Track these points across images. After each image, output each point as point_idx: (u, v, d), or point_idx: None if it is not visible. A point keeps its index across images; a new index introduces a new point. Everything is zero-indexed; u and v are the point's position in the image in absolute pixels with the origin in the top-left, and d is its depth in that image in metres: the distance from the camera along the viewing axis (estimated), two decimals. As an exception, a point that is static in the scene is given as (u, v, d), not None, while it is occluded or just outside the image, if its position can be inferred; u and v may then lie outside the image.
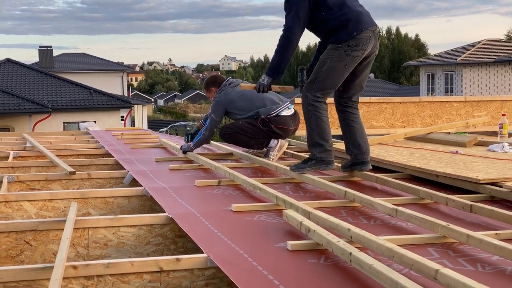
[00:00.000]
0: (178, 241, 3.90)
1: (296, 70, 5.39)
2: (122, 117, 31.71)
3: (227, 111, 6.27)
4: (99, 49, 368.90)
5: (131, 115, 36.84)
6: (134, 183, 5.42)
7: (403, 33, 67.73)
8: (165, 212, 4.01)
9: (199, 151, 6.67)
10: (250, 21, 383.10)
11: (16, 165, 6.39)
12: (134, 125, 38.38)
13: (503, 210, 3.64)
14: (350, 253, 2.73)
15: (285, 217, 3.62)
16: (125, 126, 29.29)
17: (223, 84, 6.36)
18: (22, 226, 3.82)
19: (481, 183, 4.38)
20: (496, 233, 3.28)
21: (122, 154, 6.98)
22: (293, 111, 6.21)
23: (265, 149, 6.22)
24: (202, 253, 3.12)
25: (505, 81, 34.62)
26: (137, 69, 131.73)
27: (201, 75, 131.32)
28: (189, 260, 3.05)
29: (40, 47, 43.15)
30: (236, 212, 4.02)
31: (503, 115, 7.19)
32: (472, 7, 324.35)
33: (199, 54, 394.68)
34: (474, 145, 6.41)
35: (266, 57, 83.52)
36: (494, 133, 7.50)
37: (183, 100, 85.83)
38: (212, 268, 3.05)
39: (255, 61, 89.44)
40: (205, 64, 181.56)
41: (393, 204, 3.80)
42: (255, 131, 6.08)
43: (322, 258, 2.99)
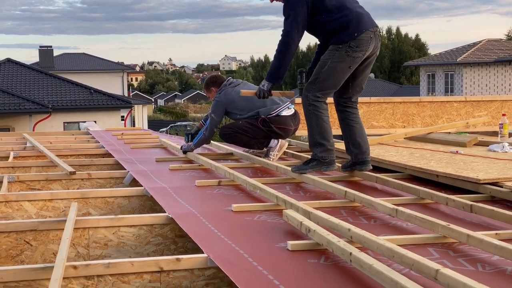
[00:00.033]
0: (178, 241, 3.90)
1: (296, 71, 5.34)
2: (122, 117, 31.72)
3: (227, 111, 6.27)
4: (99, 49, 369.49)
5: (131, 115, 36.85)
6: (134, 183, 5.42)
7: (403, 33, 67.77)
8: (165, 212, 4.01)
9: (199, 151, 6.67)
10: (250, 21, 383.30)
11: (16, 165, 6.39)
12: (134, 125, 38.38)
13: (503, 210, 3.64)
14: (350, 253, 2.73)
15: (285, 217, 3.62)
16: (125, 126, 29.30)
17: (223, 84, 6.36)
18: (22, 226, 3.83)
19: (482, 183, 4.38)
20: (496, 233, 3.28)
21: (122, 154, 6.98)
22: (293, 111, 6.21)
23: (265, 149, 6.21)
24: (202, 253, 3.11)
25: (505, 81, 34.63)
26: (137, 69, 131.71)
27: (201, 75, 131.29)
28: (189, 260, 3.05)
29: (40, 47, 43.16)
30: (236, 212, 4.02)
31: (503, 115, 7.19)
32: (472, 7, 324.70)
33: (199, 54, 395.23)
34: (474, 145, 6.41)
35: (266, 57, 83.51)
36: (495, 133, 7.50)
37: (183, 100, 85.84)
38: (212, 268, 3.05)
39: (255, 61, 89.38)
40: (205, 64, 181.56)
41: (393, 204, 3.80)
42: (255, 131, 6.08)
43: (322, 258, 2.99)
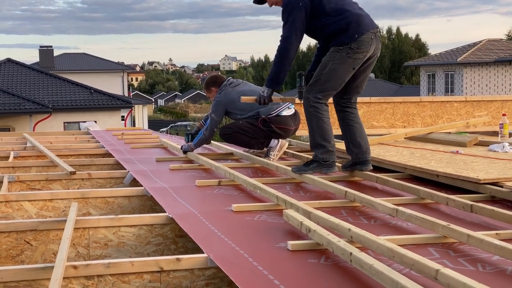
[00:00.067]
0: (179, 241, 3.90)
1: (296, 72, 5.30)
2: (123, 117, 31.72)
3: (227, 111, 6.27)
4: (99, 49, 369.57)
5: (131, 115, 36.85)
6: (134, 183, 5.42)
7: (403, 33, 67.74)
8: (165, 212, 4.01)
9: (200, 151, 6.67)
10: (250, 21, 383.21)
11: (16, 165, 6.39)
12: (134, 125, 38.37)
13: (504, 210, 3.63)
14: (351, 253, 2.73)
15: (285, 217, 3.62)
16: (125, 126, 29.29)
17: (223, 84, 6.36)
18: (23, 226, 3.83)
19: (482, 183, 4.38)
20: (497, 233, 3.28)
21: (123, 154, 6.98)
22: (293, 111, 6.20)
23: (265, 149, 6.21)
24: (203, 253, 3.11)
25: (505, 81, 34.62)
26: (138, 69, 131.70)
27: (201, 75, 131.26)
28: (189, 260, 3.05)
29: (40, 47, 43.16)
30: (236, 212, 4.02)
31: (503, 115, 7.19)
32: (472, 7, 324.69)
33: (199, 54, 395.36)
34: (475, 145, 6.41)
35: (266, 57, 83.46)
36: (495, 133, 7.50)
37: (184, 100, 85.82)
38: (212, 268, 3.05)
39: (256, 61, 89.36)
40: (206, 64, 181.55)
41: (394, 204, 3.80)
42: (256, 131, 6.08)
43: (322, 258, 2.99)
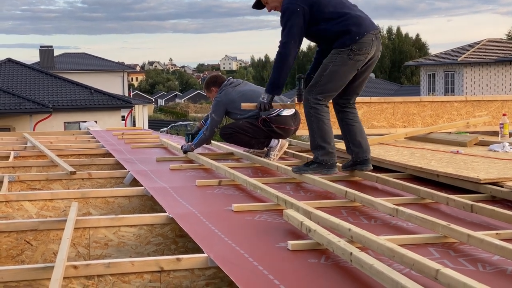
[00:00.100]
0: (179, 241, 3.90)
1: (297, 72, 5.32)
2: (123, 117, 31.72)
3: (227, 111, 6.27)
4: (99, 49, 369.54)
5: (131, 115, 36.85)
6: (134, 183, 5.42)
7: (403, 33, 67.76)
8: (165, 212, 4.01)
9: (200, 151, 6.67)
10: (251, 21, 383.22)
11: (16, 165, 6.39)
12: (134, 125, 38.37)
13: (504, 210, 3.63)
14: (351, 253, 2.73)
15: (285, 217, 3.62)
16: (125, 126, 29.31)
17: (223, 84, 6.36)
18: (23, 226, 3.83)
19: (482, 183, 4.38)
20: (497, 233, 3.27)
21: (123, 154, 6.98)
22: (293, 111, 6.20)
23: (265, 149, 6.21)
24: (203, 253, 3.11)
25: (506, 80, 34.61)
26: (138, 69, 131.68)
27: (201, 75, 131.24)
28: (189, 260, 3.05)
29: (41, 47, 43.15)
30: (236, 212, 4.02)
31: (503, 114, 7.18)
32: (472, 6, 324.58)
33: (199, 54, 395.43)
34: (475, 145, 6.41)
35: (266, 57, 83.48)
36: (495, 133, 7.50)
37: (184, 100, 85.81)
38: (212, 268, 3.05)
39: (256, 60, 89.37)
40: (206, 64, 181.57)
41: (394, 204, 3.80)
42: (256, 131, 6.08)
43: (322, 258, 2.99)
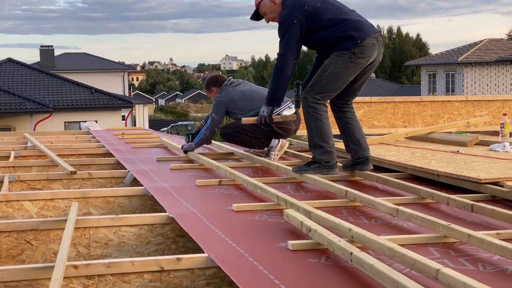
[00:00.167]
0: (179, 240, 3.90)
1: (297, 73, 5.37)
2: (123, 116, 31.73)
3: (228, 110, 6.27)
4: (100, 48, 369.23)
5: (132, 115, 36.85)
6: (135, 182, 5.42)
7: (404, 32, 67.69)
8: (166, 212, 4.01)
9: (200, 150, 6.67)
10: (251, 21, 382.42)
11: (17, 165, 6.39)
12: (135, 125, 38.37)
13: (504, 210, 3.63)
14: (351, 253, 2.73)
15: (286, 216, 3.62)
16: (126, 126, 29.33)
17: (224, 84, 6.36)
18: (23, 225, 3.83)
19: (482, 182, 4.37)
20: (497, 233, 3.27)
21: (123, 153, 6.98)
22: (294, 110, 6.19)
23: (266, 148, 6.21)
24: (203, 252, 3.11)
25: (506, 80, 34.59)
26: (138, 68, 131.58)
27: (202, 74, 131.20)
28: (190, 259, 3.05)
29: (41, 46, 43.15)
30: (237, 212, 4.02)
31: (504, 114, 7.18)
32: (473, 6, 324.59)
33: (200, 53, 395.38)
34: (475, 144, 6.40)
35: (267, 57, 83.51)
36: (495, 133, 7.50)
37: (184, 100, 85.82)
38: (213, 267, 3.05)
39: (256, 60, 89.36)
40: (206, 64, 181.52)
41: (394, 204, 3.80)
42: (256, 130, 6.07)
43: (323, 257, 2.99)
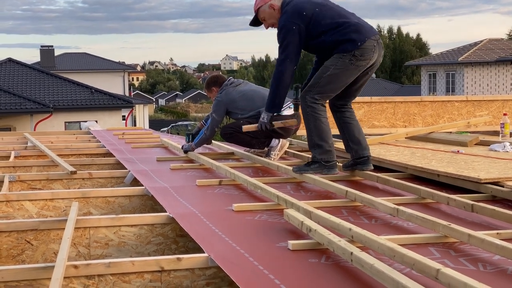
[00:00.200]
0: (179, 240, 3.90)
1: (297, 72, 5.38)
2: (124, 116, 31.73)
3: (228, 110, 6.26)
4: (100, 48, 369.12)
5: (132, 115, 36.85)
6: (135, 182, 5.42)
7: (404, 32, 67.78)
8: (166, 212, 4.01)
9: (200, 150, 6.67)
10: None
11: (17, 165, 6.39)
12: (135, 125, 38.37)
13: (505, 210, 3.63)
14: (351, 253, 2.73)
15: (286, 216, 3.62)
16: (126, 126, 29.33)
17: (224, 84, 6.36)
18: (23, 225, 3.83)
19: (483, 182, 4.37)
20: (498, 233, 3.27)
21: (123, 153, 6.98)
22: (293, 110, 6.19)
23: (266, 148, 6.21)
24: (203, 252, 3.11)
25: (506, 80, 34.58)
26: (138, 68, 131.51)
27: (202, 74, 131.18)
28: (190, 259, 3.05)
29: (41, 46, 43.15)
30: (237, 212, 4.02)
31: (504, 114, 7.18)
32: (473, 6, 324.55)
33: (200, 53, 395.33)
34: (476, 144, 6.40)
35: (267, 57, 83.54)
36: (496, 133, 7.50)
37: (185, 100, 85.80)
38: (213, 267, 3.05)
39: (257, 60, 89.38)
40: (207, 64, 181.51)
41: (394, 204, 3.80)
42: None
43: (323, 257, 2.99)
